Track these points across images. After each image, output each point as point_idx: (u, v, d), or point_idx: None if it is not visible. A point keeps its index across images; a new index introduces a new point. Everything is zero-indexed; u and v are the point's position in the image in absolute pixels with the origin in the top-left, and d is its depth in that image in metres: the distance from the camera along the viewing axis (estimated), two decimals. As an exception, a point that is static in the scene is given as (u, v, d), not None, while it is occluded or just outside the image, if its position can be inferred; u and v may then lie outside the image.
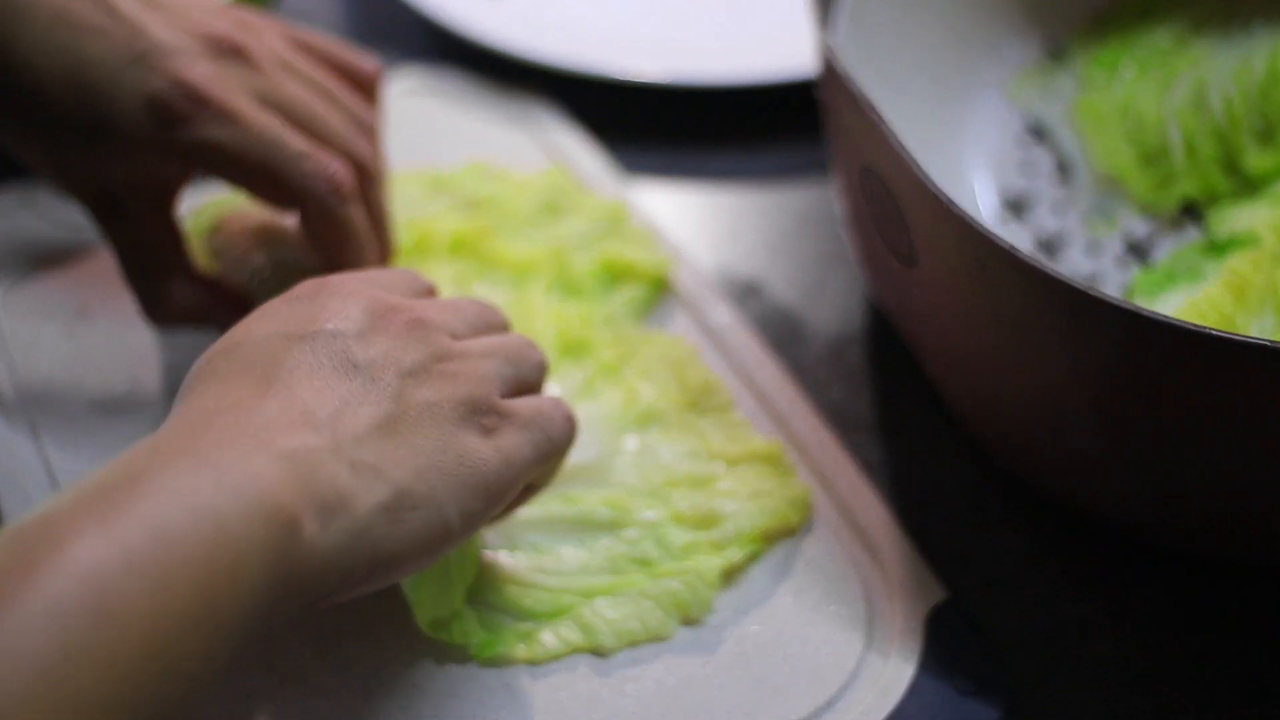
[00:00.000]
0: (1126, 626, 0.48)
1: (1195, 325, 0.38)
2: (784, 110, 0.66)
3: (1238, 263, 0.51)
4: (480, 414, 0.40)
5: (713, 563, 0.46)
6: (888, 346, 0.57)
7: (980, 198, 0.58)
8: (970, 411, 0.50)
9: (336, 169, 0.48)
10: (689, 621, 0.46)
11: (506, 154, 0.63)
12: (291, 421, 0.37)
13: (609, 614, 0.45)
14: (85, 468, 0.49)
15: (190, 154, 0.47)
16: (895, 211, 0.46)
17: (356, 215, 0.50)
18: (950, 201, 0.42)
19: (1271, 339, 0.44)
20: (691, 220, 0.63)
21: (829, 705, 0.44)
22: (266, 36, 0.50)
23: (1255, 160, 0.55)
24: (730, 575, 0.47)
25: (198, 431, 0.36)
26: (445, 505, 0.39)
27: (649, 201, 0.63)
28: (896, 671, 0.45)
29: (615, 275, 0.56)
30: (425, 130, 0.65)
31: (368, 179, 0.51)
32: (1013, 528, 0.51)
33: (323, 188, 0.48)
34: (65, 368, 0.53)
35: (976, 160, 0.59)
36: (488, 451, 0.40)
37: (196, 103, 0.46)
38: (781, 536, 0.48)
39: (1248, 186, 0.55)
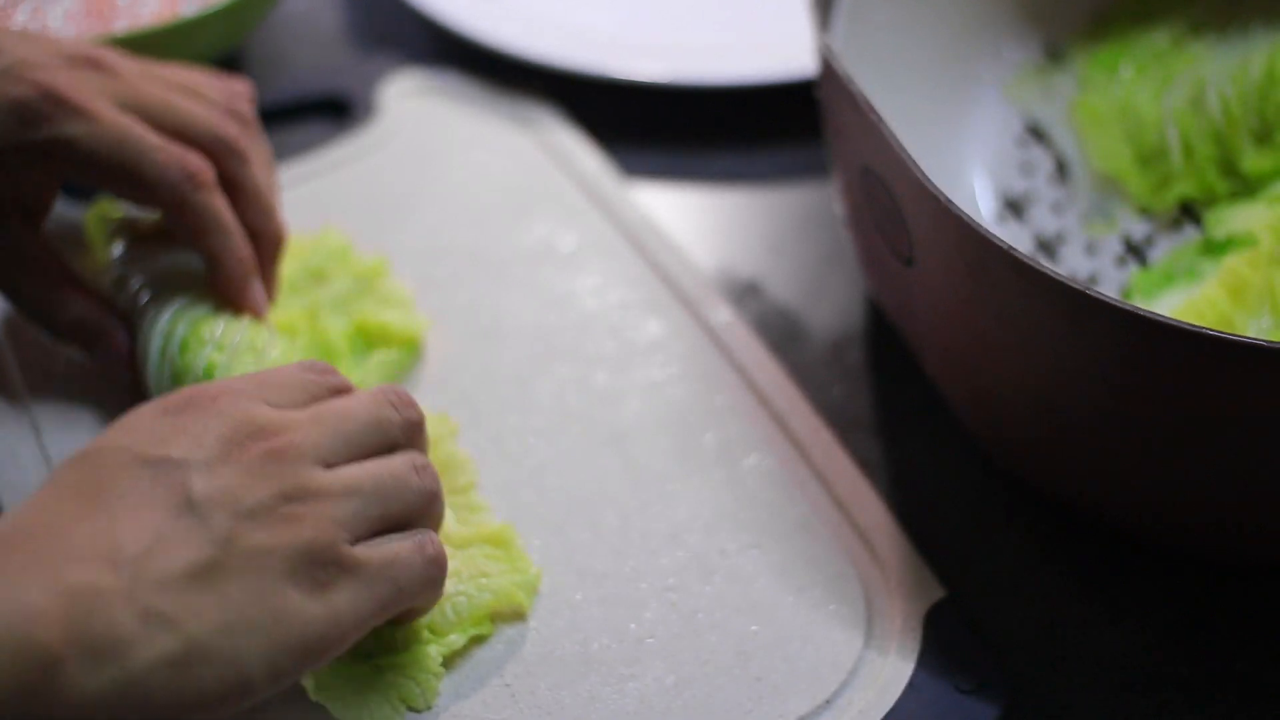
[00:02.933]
0: (1125, 625, 0.48)
1: (1193, 325, 0.38)
2: (784, 110, 0.66)
3: (1235, 263, 0.51)
4: (316, 566, 0.38)
5: (433, 651, 0.44)
6: (887, 346, 0.57)
7: (979, 198, 0.58)
8: (969, 411, 0.50)
9: (191, 159, 0.49)
10: (415, 710, 0.43)
11: (506, 155, 0.64)
12: (95, 554, 0.35)
13: (338, 688, 0.43)
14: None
15: (49, 153, 0.48)
16: (895, 211, 0.46)
17: (216, 203, 0.50)
18: (949, 201, 0.42)
19: (1269, 339, 0.44)
20: (691, 220, 0.63)
21: (828, 703, 0.44)
22: (125, 59, 0.52)
23: (1253, 161, 0.55)
24: (452, 661, 0.45)
25: (6, 544, 0.36)
26: (249, 664, 0.37)
27: (649, 202, 0.63)
28: (896, 670, 0.45)
29: (368, 339, 0.54)
30: (425, 131, 0.65)
31: (236, 159, 0.51)
32: (1012, 527, 0.51)
33: (175, 177, 0.49)
34: (67, 368, 0.53)
35: (975, 160, 0.59)
36: (313, 609, 0.38)
37: (55, 103, 0.48)
38: (507, 619, 0.46)
39: (1245, 187, 0.55)
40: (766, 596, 0.47)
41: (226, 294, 0.51)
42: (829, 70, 0.48)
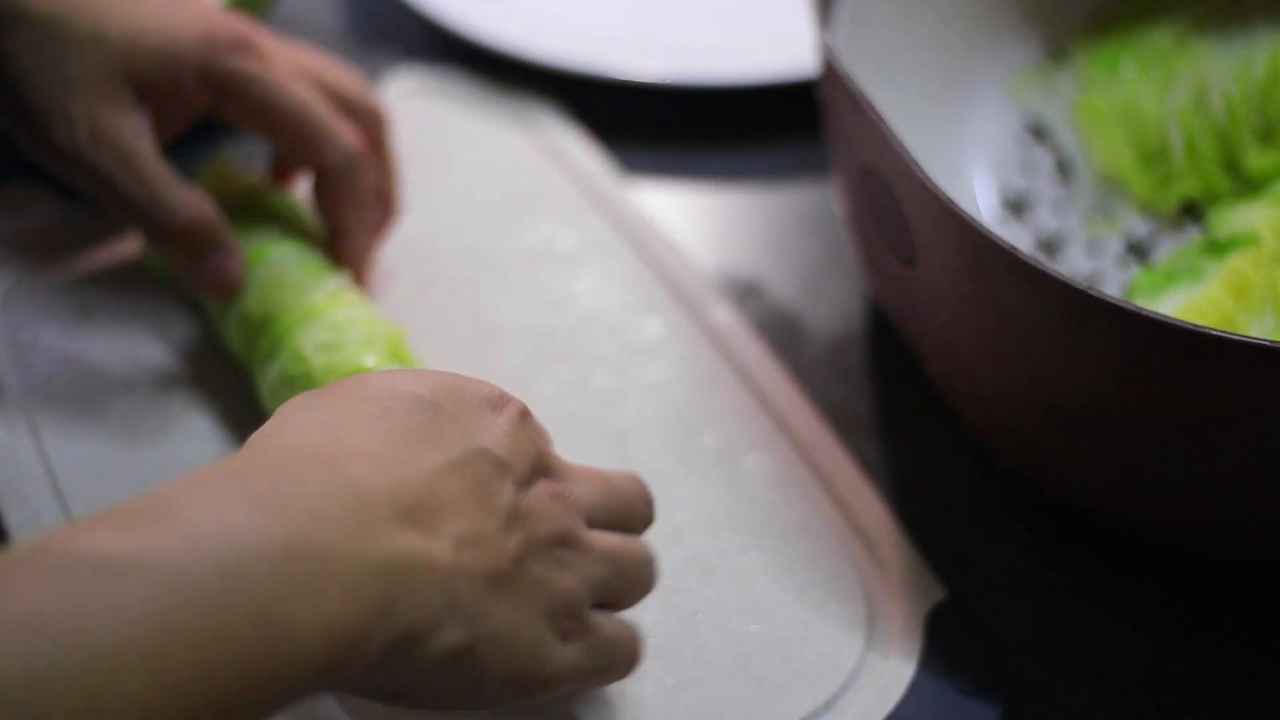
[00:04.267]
0: (1127, 626, 0.48)
1: (1195, 325, 0.38)
2: (784, 110, 0.66)
3: (1238, 262, 0.51)
4: (565, 617, 0.38)
5: None
6: (888, 346, 0.57)
7: (980, 197, 0.58)
8: (970, 411, 0.50)
9: (355, 139, 0.52)
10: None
11: (506, 155, 0.63)
12: (429, 515, 0.35)
13: None
14: (86, 469, 0.50)
15: (228, 84, 0.50)
16: (895, 211, 0.46)
17: (369, 181, 0.53)
18: (950, 201, 0.42)
19: (1272, 339, 0.44)
20: (691, 220, 0.63)
21: (829, 705, 0.44)
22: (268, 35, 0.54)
23: (1255, 160, 0.55)
24: None
25: (323, 468, 0.34)
26: (490, 680, 0.36)
27: (649, 201, 0.63)
28: (897, 671, 0.45)
29: None
30: (425, 130, 0.65)
31: (385, 128, 0.55)
32: (1013, 527, 0.51)
33: (349, 149, 0.51)
34: (66, 368, 0.53)
35: (977, 160, 0.59)
36: (553, 654, 0.38)
37: (245, 41, 0.50)
38: None
39: (1248, 186, 0.55)
40: (767, 597, 0.47)
41: (346, 261, 0.53)
42: (830, 69, 0.48)
